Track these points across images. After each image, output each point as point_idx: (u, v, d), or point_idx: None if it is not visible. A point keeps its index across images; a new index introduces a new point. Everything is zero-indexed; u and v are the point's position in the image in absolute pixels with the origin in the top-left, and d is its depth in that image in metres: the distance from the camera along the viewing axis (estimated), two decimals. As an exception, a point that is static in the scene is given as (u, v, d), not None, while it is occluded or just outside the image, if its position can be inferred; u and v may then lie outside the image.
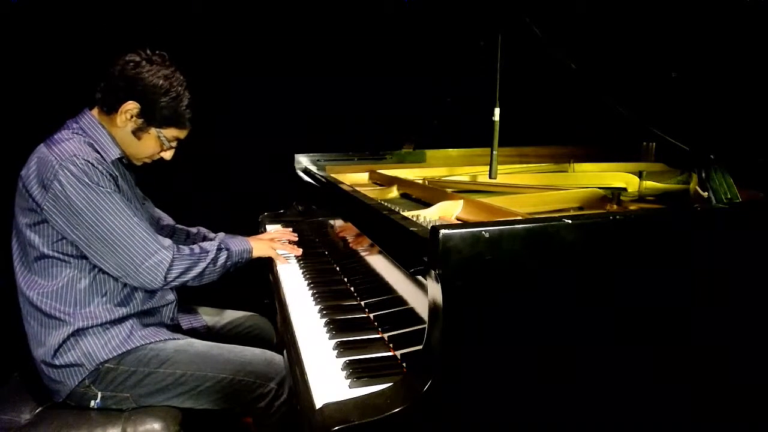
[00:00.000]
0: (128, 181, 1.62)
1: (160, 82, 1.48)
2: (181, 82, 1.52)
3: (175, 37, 1.53)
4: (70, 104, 1.56)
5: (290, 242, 1.89)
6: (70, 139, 1.44)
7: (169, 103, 1.50)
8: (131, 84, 1.47)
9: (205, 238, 2.01)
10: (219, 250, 1.59)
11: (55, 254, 1.43)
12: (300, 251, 1.86)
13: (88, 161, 1.40)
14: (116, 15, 2.47)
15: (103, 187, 1.40)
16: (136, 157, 1.60)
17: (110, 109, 1.50)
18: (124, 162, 1.60)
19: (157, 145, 1.57)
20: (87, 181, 1.38)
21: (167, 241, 1.51)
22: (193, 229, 2.04)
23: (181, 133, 1.59)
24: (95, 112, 1.53)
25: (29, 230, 1.43)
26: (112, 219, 1.40)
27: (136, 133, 1.53)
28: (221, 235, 2.04)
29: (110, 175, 1.44)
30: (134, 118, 1.51)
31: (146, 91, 1.48)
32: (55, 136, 1.46)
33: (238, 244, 1.67)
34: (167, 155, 1.62)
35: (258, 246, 1.74)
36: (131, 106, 1.49)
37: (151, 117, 1.51)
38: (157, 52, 1.53)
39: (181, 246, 1.54)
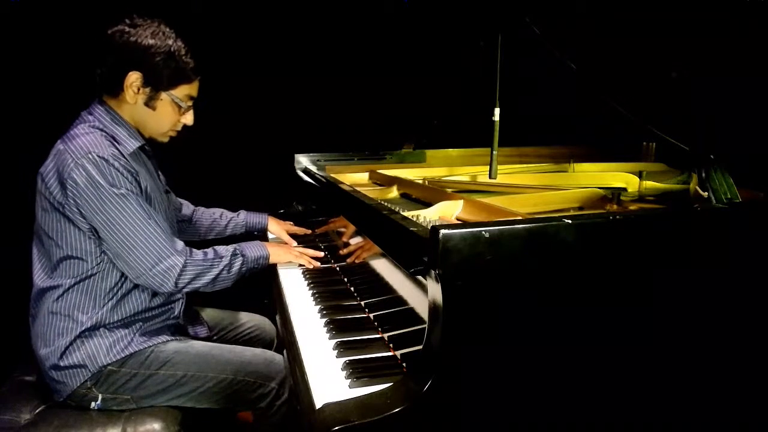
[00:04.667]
0: (150, 171, 1.58)
1: (151, 41, 1.43)
2: (169, 34, 1.46)
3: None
4: (80, 101, 1.52)
5: (297, 242, 1.89)
6: (87, 133, 1.40)
7: (168, 60, 1.45)
8: (125, 54, 1.43)
9: (228, 222, 2.03)
10: (234, 255, 1.55)
11: (80, 255, 1.42)
12: (320, 265, 1.79)
13: (104, 158, 1.36)
14: (116, 14, 2.47)
15: (116, 189, 1.37)
16: (160, 132, 1.55)
17: (116, 89, 1.46)
18: (147, 149, 1.57)
19: (174, 110, 1.51)
20: (101, 182, 1.35)
21: (180, 245, 1.48)
22: (216, 213, 2.04)
23: (192, 89, 1.53)
24: (105, 99, 1.49)
25: (53, 230, 1.41)
26: (124, 223, 1.37)
27: (149, 104, 1.48)
28: (243, 213, 2.05)
29: (127, 171, 1.40)
30: (141, 89, 1.46)
31: (142, 55, 1.43)
32: (72, 131, 1.42)
33: (254, 249, 1.62)
34: (188, 119, 1.56)
35: (276, 252, 1.71)
36: (134, 77, 1.44)
37: (157, 81, 1.46)
38: (134, 15, 1.47)
39: (195, 250, 1.51)
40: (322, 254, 1.81)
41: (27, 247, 1.52)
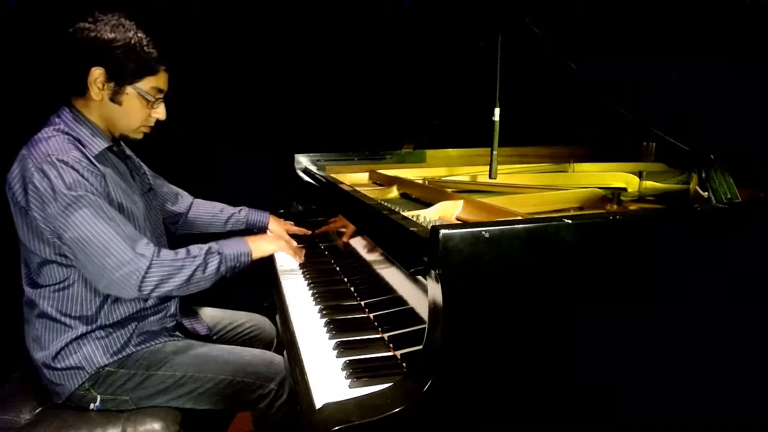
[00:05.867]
0: (122, 172, 1.54)
1: (111, 35, 1.39)
2: (130, 26, 1.41)
3: (174, 37, 1.51)
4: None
5: (297, 242, 1.88)
6: (50, 137, 1.37)
7: (129, 53, 1.40)
8: (85, 50, 1.40)
9: (229, 218, 2.01)
10: (209, 254, 1.45)
11: (57, 259, 1.40)
12: (303, 260, 1.77)
13: (64, 161, 1.32)
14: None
15: (74, 192, 1.31)
16: (130, 128, 1.50)
17: (81, 88, 1.42)
18: (115, 150, 1.52)
19: (142, 104, 1.47)
20: (59, 185, 1.30)
21: (143, 246, 1.37)
22: (217, 207, 2.01)
23: (159, 81, 1.47)
24: (73, 101, 1.46)
25: (26, 237, 1.40)
26: (83, 227, 1.31)
27: (115, 99, 1.44)
28: (245, 210, 2.03)
29: (90, 173, 1.36)
30: (105, 84, 1.42)
31: (102, 50, 1.39)
32: (36, 136, 1.40)
33: (233, 246, 1.52)
34: (160, 113, 1.51)
35: (258, 245, 1.61)
36: (97, 73, 1.40)
37: (120, 75, 1.41)
38: (96, 11, 1.42)
39: (164, 251, 1.41)
40: (303, 250, 1.76)
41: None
